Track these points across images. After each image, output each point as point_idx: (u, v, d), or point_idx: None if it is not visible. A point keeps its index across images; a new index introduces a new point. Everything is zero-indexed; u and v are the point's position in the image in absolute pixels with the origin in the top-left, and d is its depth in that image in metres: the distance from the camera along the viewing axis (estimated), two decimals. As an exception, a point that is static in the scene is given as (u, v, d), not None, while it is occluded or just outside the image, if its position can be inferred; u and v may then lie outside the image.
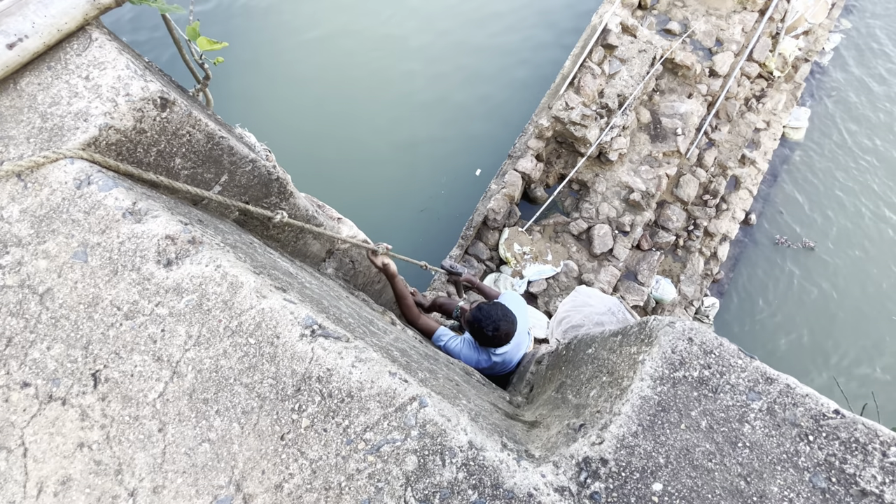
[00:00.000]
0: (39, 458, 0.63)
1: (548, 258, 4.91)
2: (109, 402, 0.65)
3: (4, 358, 0.69)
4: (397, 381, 0.62)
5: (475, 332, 1.77)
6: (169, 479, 0.60)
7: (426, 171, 5.51)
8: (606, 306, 3.35)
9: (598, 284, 4.65)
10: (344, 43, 5.94)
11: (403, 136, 5.60)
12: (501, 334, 1.74)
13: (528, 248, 4.89)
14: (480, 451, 0.56)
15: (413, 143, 5.58)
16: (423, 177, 5.45)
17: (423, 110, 5.74)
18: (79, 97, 0.88)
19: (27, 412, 0.66)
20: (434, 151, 5.58)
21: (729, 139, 5.57)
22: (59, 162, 0.81)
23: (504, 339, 1.76)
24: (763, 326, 5.26)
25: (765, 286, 5.44)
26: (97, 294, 0.71)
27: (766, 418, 0.52)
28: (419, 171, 5.49)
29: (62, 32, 0.91)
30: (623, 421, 0.54)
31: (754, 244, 5.62)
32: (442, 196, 5.51)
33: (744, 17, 5.69)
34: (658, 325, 0.60)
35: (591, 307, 3.39)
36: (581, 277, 4.75)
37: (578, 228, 4.92)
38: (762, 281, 5.47)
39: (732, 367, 0.55)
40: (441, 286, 4.73)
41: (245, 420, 0.61)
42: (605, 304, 3.45)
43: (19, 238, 0.77)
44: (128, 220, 0.76)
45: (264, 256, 0.99)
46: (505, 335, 1.76)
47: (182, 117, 0.98)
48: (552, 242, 5.00)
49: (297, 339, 0.65)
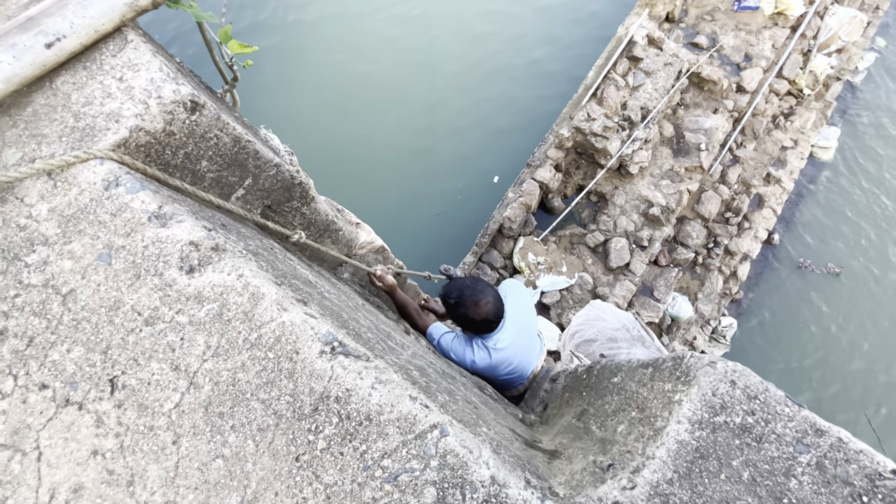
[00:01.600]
0: (53, 463, 0.63)
1: (562, 269, 4.85)
2: (125, 409, 0.64)
3: (25, 358, 0.69)
4: (418, 407, 0.60)
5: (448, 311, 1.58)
6: (180, 494, 0.59)
7: (444, 177, 5.50)
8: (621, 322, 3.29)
9: (612, 298, 4.58)
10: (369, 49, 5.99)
11: (423, 140, 5.61)
12: (466, 301, 1.49)
13: (543, 259, 4.84)
14: (503, 488, 0.53)
15: (432, 149, 5.59)
16: (440, 182, 5.45)
17: (444, 116, 5.74)
18: (112, 98, 0.88)
19: (44, 415, 0.65)
20: (453, 157, 5.58)
21: (754, 156, 5.44)
22: (90, 162, 0.81)
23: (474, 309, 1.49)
24: (781, 351, 5.10)
25: (786, 309, 5.28)
26: (119, 298, 0.71)
27: (815, 474, 0.48)
28: (437, 176, 5.49)
29: (99, 33, 0.92)
30: (657, 466, 0.51)
31: (776, 265, 5.47)
32: (458, 202, 5.50)
33: (774, 32, 5.57)
34: (697, 363, 0.56)
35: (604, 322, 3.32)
36: (595, 291, 4.68)
37: (595, 241, 4.85)
38: (783, 304, 5.32)
39: (779, 416, 0.52)
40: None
41: (260, 438, 0.60)
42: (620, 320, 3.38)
43: (46, 237, 0.77)
44: (153, 223, 0.76)
45: (285, 264, 0.98)
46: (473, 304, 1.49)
47: (211, 121, 0.98)
48: (567, 254, 4.94)
49: (316, 355, 0.64)
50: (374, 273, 1.77)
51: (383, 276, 1.76)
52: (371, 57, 5.93)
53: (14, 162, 0.85)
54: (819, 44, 5.64)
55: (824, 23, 5.62)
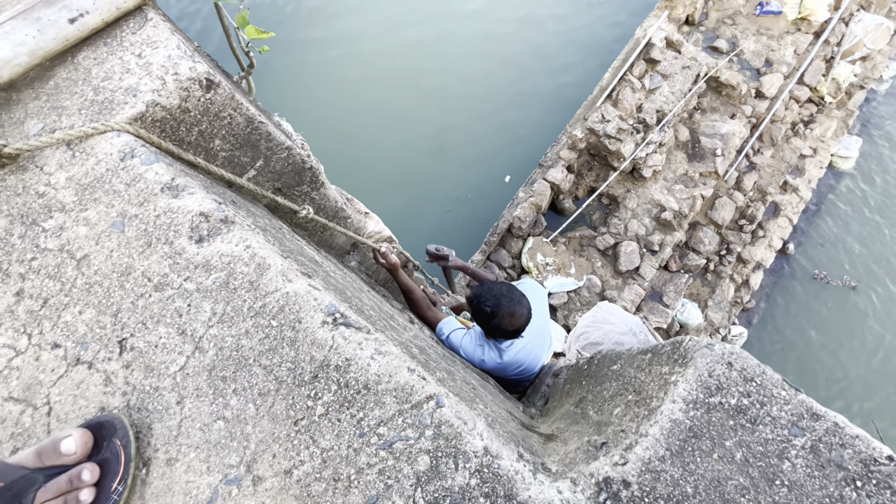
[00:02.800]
0: (62, 418, 0.65)
1: (571, 271, 4.82)
2: (133, 370, 0.66)
3: (39, 318, 0.71)
4: (415, 378, 0.61)
5: (474, 313, 1.49)
6: (182, 452, 0.60)
7: (455, 174, 5.51)
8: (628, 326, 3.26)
9: (621, 302, 4.54)
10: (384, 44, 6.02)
11: (435, 137, 5.62)
12: (503, 312, 1.42)
13: (552, 260, 4.81)
14: (496, 459, 0.54)
15: (444, 146, 5.60)
16: (451, 179, 5.46)
17: (457, 113, 5.75)
18: (130, 73, 0.91)
19: (55, 372, 0.68)
20: (464, 155, 5.58)
21: (771, 164, 5.35)
22: (107, 134, 0.84)
23: (508, 319, 1.43)
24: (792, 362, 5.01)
25: (799, 321, 5.19)
26: (130, 264, 0.73)
27: (808, 457, 0.48)
28: (448, 173, 5.50)
29: (121, 10, 0.94)
30: (650, 443, 0.51)
31: (791, 276, 5.38)
32: (469, 199, 5.50)
33: (797, 38, 5.47)
34: (695, 345, 0.56)
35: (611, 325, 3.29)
36: (604, 294, 4.65)
37: (605, 244, 4.82)
38: (796, 316, 5.22)
39: (775, 399, 0.51)
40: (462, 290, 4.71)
41: (261, 402, 0.61)
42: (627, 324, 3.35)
43: (63, 204, 0.79)
44: (165, 194, 0.78)
45: (292, 242, 1.00)
46: (509, 315, 1.42)
47: (225, 100, 1.00)
48: (576, 255, 4.91)
49: (318, 325, 0.65)
50: (378, 249, 1.74)
51: (387, 254, 1.73)
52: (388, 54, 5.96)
53: (35, 132, 0.88)
54: (843, 51, 5.52)
55: (849, 29, 5.50)
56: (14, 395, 0.67)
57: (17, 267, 0.75)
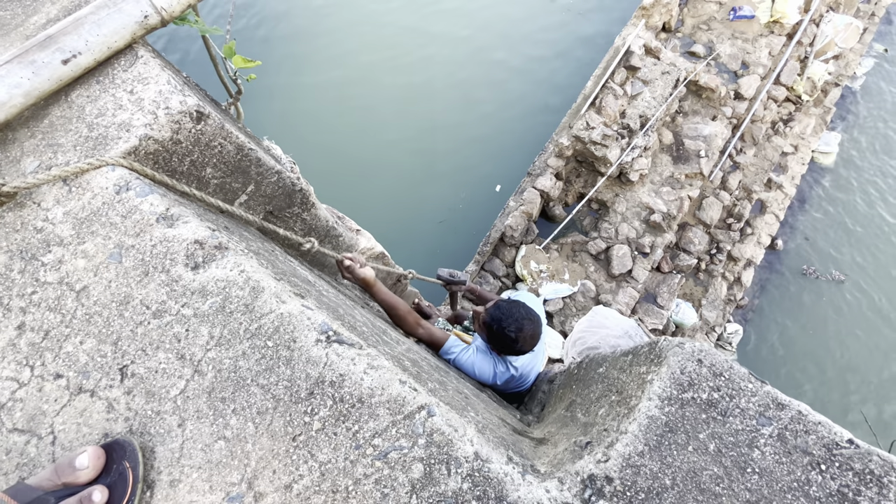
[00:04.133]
0: (67, 446, 0.67)
1: (565, 277, 4.87)
2: (134, 396, 0.68)
3: (41, 350, 0.74)
4: (407, 390, 0.63)
5: (494, 336, 1.50)
6: (185, 473, 0.62)
7: (446, 186, 5.57)
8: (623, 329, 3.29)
9: (616, 306, 4.58)
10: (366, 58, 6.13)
11: (424, 150, 5.69)
12: (526, 335, 1.47)
13: (545, 266, 4.86)
14: (486, 463, 0.56)
15: (433, 158, 5.67)
16: (442, 191, 5.52)
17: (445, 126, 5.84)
18: (123, 109, 0.95)
19: (58, 402, 0.70)
20: (454, 166, 5.66)
21: (755, 162, 5.47)
22: (102, 168, 0.87)
23: (529, 342, 1.49)
24: (788, 357, 5.06)
25: (791, 316, 5.25)
26: (129, 293, 0.75)
27: (776, 444, 0.51)
28: (439, 185, 5.56)
29: (112, 50, 0.98)
30: (629, 440, 0.54)
31: (781, 271, 5.45)
32: (460, 210, 5.56)
33: (771, 40, 5.64)
34: (668, 345, 0.60)
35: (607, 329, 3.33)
36: (598, 298, 4.69)
37: (597, 248, 4.88)
38: (788, 310, 5.28)
39: (742, 391, 0.55)
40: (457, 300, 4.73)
41: (259, 420, 0.64)
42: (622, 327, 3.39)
43: (61, 238, 0.82)
44: (161, 224, 0.81)
45: (285, 264, 1.03)
46: (530, 337, 1.48)
47: (215, 129, 1.04)
48: (569, 261, 4.96)
49: (312, 343, 0.68)
50: (341, 261, 1.46)
51: (352, 267, 1.45)
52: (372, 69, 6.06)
53: (32, 170, 0.91)
54: (816, 50, 5.70)
55: (820, 30, 5.69)
56: (18, 426, 0.69)
57: (18, 301, 0.78)
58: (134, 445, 0.60)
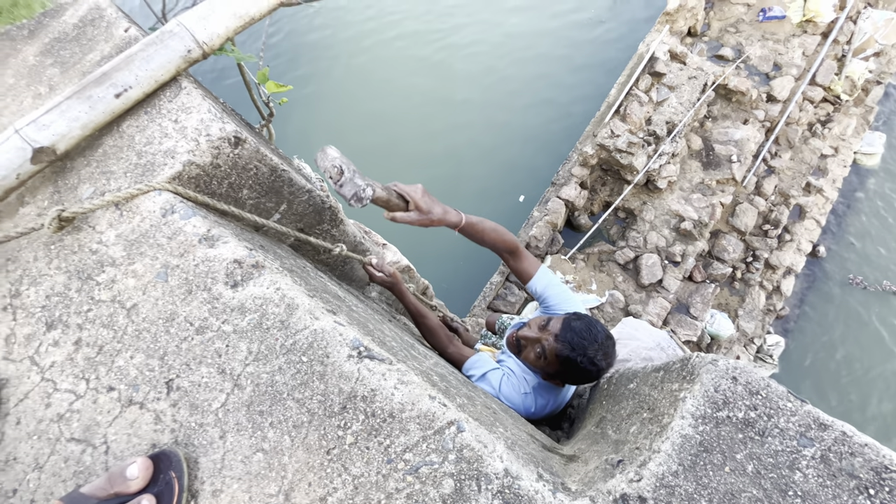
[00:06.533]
0: (118, 455, 0.71)
1: (592, 287, 4.78)
2: (179, 408, 0.72)
3: (95, 364, 0.79)
4: (436, 405, 0.65)
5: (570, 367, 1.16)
6: (226, 483, 0.65)
7: (469, 197, 5.60)
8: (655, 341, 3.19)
9: (646, 316, 4.46)
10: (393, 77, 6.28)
11: (447, 161, 5.75)
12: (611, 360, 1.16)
13: (572, 277, 4.79)
14: (516, 480, 0.57)
15: (456, 170, 5.72)
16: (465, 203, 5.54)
17: (467, 137, 5.89)
18: (168, 137, 1.01)
19: (111, 413, 0.74)
20: (477, 178, 5.69)
21: (791, 166, 5.26)
22: (150, 193, 0.93)
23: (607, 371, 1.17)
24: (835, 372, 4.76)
25: (837, 328, 4.95)
26: (174, 310, 0.80)
27: (819, 467, 0.49)
28: (461, 196, 5.59)
29: (158, 83, 1.06)
30: (663, 459, 0.53)
31: (825, 279, 5.17)
32: (484, 222, 5.54)
33: (804, 40, 5.45)
34: (700, 362, 0.59)
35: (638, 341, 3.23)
36: (628, 308, 4.57)
37: (625, 257, 4.77)
38: (833, 321, 4.99)
39: (781, 410, 0.53)
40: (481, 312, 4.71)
41: (295, 433, 0.66)
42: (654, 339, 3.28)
43: (113, 259, 0.88)
44: (203, 245, 0.86)
45: (316, 280, 1.06)
46: (607, 369, 1.16)
47: (251, 153, 1.09)
48: (597, 271, 4.87)
49: (344, 359, 0.70)
50: (368, 262, 1.44)
51: (381, 265, 1.44)
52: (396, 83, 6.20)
53: (87, 195, 0.98)
54: (854, 48, 5.46)
55: (858, 27, 5.46)
56: (76, 435, 0.74)
57: (76, 318, 0.84)
58: (179, 456, 0.63)
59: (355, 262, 1.76)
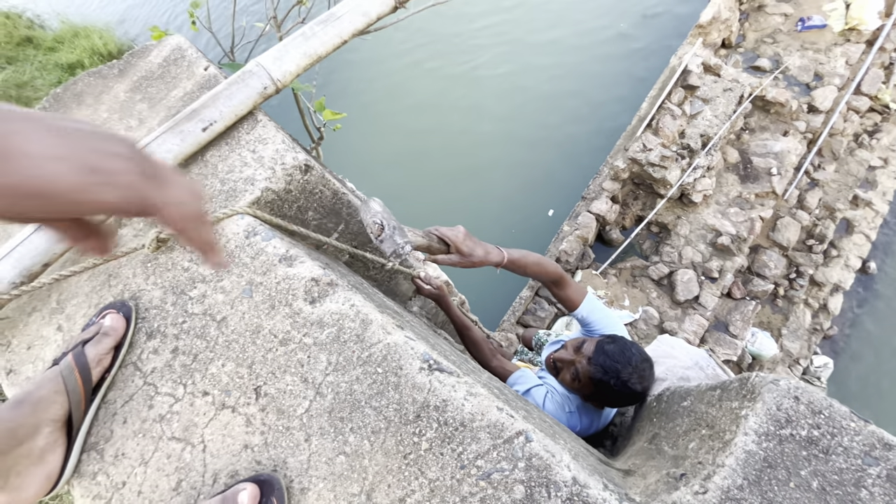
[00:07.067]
0: (215, 453, 0.79)
1: (625, 303, 4.71)
2: (267, 413, 0.80)
3: (191, 371, 0.88)
4: (504, 416, 0.70)
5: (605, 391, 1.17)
6: (313, 482, 0.72)
7: (498, 212, 5.66)
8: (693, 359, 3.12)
9: (682, 334, 4.35)
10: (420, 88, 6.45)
11: (475, 178, 5.84)
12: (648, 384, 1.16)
13: (603, 293, 4.73)
14: (584, 488, 0.61)
15: (485, 185, 5.80)
16: (494, 217, 5.60)
17: (496, 153, 5.97)
18: (247, 166, 1.13)
19: (206, 416, 0.83)
20: (506, 192, 5.74)
21: (836, 178, 5.06)
22: (234, 217, 1.04)
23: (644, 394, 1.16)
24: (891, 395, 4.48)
25: (893, 348, 4.67)
26: (259, 324, 0.89)
27: (885, 485, 0.51)
28: (491, 211, 5.65)
29: (238, 117, 1.18)
30: (727, 473, 0.56)
31: (876, 297, 4.91)
32: (513, 235, 5.59)
33: (847, 49, 5.29)
34: (761, 381, 0.61)
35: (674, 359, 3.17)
36: (662, 325, 4.48)
37: (659, 273, 4.69)
38: (888, 342, 4.71)
39: (844, 430, 0.55)
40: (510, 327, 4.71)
41: (374, 438, 0.73)
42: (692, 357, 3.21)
43: (203, 276, 0.99)
44: (282, 264, 0.95)
45: (376, 296, 1.14)
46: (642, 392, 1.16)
47: (318, 179, 1.20)
48: (629, 287, 4.80)
49: (416, 371, 0.76)
50: (418, 276, 1.55)
51: (430, 278, 1.56)
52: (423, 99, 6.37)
53: (177, 218, 1.10)
54: (902, 56, 5.25)
55: (906, 34, 5.25)
56: (176, 435, 0.83)
57: (172, 329, 0.94)
58: (282, 484, 0.70)
59: (399, 278, 1.84)
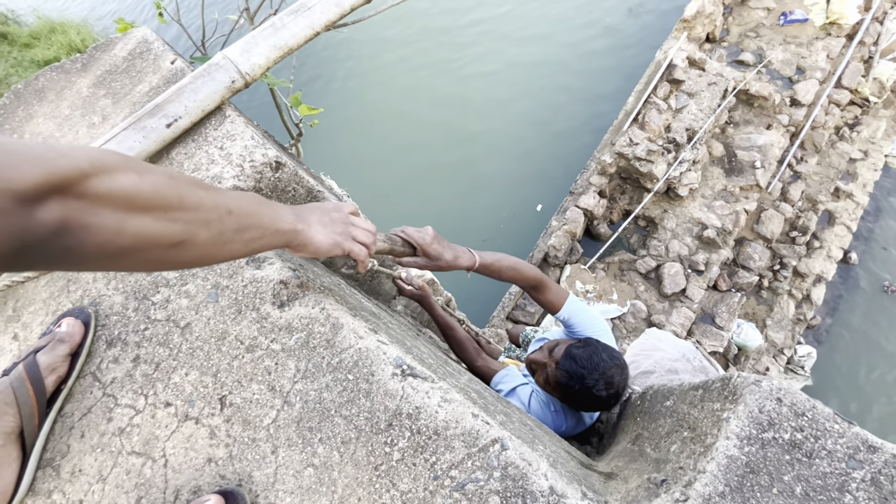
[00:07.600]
0: (177, 468, 0.75)
1: (613, 297, 4.72)
2: (233, 424, 0.76)
3: (153, 381, 0.84)
4: (480, 423, 0.67)
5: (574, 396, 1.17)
6: (279, 497, 0.68)
7: (486, 207, 5.63)
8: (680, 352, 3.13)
9: (669, 327, 4.38)
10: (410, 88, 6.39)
11: (465, 172, 5.80)
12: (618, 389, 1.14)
13: (592, 287, 4.74)
14: (561, 498, 0.58)
15: (474, 180, 5.76)
16: (482, 212, 5.58)
17: (484, 148, 5.93)
18: (215, 164, 1.07)
19: (168, 428, 0.79)
20: (494, 187, 5.71)
21: (818, 171, 5.13)
22: (199, 217, 0.99)
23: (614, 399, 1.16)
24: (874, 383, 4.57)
25: (873, 337, 4.77)
26: (225, 329, 0.85)
27: (870, 489, 0.49)
28: (479, 206, 5.63)
29: (205, 112, 1.13)
30: (708, 479, 0.54)
31: (856, 287, 5.00)
32: (502, 231, 5.57)
33: (828, 43, 5.35)
34: (743, 382, 0.59)
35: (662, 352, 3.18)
36: (650, 319, 4.50)
37: (646, 266, 4.71)
38: (868, 331, 4.80)
39: (828, 432, 0.53)
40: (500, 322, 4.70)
41: (344, 449, 0.69)
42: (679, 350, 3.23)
43: (167, 280, 0.94)
44: (250, 266, 0.90)
45: (352, 298, 1.10)
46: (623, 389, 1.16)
47: (290, 176, 1.15)
48: (617, 281, 4.82)
49: (389, 377, 0.73)
50: (398, 276, 1.49)
51: (411, 279, 1.48)
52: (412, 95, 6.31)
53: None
54: (881, 49, 5.33)
55: (885, 28, 5.33)
56: (136, 449, 0.79)
57: (134, 336, 0.89)
58: (247, 499, 0.66)
59: (383, 277, 1.80)
